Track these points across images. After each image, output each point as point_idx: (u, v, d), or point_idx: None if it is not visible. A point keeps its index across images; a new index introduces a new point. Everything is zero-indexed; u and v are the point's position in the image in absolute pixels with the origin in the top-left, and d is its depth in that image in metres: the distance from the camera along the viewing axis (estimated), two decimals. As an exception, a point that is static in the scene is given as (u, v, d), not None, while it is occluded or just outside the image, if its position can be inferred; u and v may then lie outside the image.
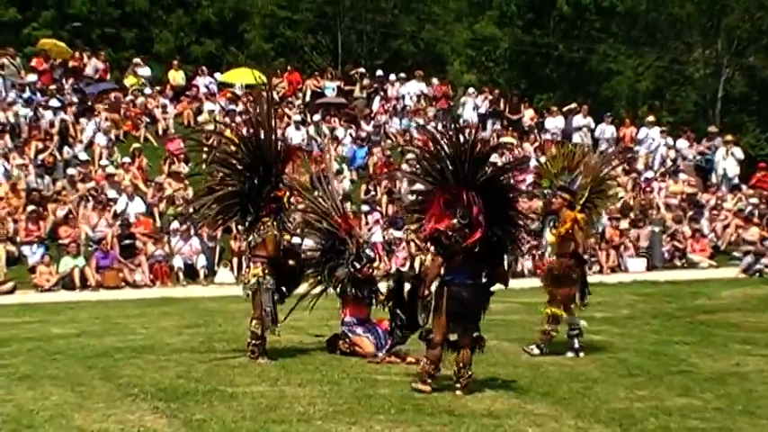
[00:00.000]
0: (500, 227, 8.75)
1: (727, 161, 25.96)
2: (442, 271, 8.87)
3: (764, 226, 22.63)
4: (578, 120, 27.65)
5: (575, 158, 11.60)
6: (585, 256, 11.26)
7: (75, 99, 24.46)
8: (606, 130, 27.60)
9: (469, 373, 8.72)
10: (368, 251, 12.33)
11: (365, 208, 21.64)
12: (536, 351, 10.94)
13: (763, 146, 36.74)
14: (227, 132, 12.07)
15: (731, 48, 47.17)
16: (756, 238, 21.88)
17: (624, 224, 21.88)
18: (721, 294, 17.33)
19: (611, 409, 8.15)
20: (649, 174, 25.71)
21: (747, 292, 17.74)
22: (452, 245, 8.61)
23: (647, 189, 24.66)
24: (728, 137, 27.55)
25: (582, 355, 10.91)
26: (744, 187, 25.69)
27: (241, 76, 30.74)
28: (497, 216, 8.74)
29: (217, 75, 29.20)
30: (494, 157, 9.35)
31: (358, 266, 10.76)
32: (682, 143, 27.73)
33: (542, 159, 15.63)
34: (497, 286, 8.98)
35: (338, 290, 10.94)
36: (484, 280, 8.83)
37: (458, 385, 8.68)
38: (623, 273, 21.02)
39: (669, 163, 26.70)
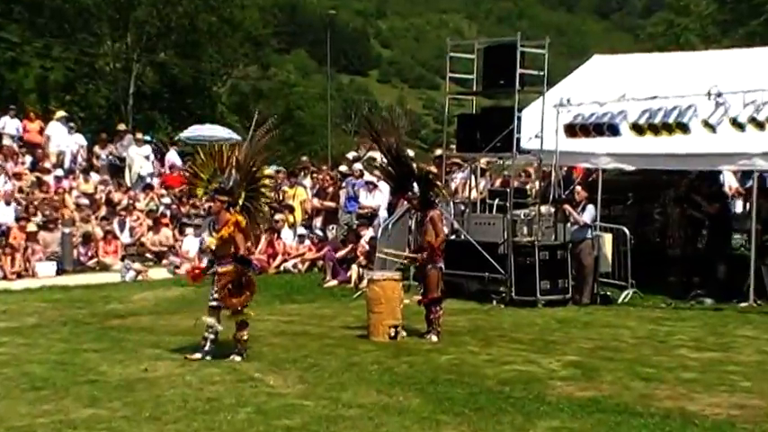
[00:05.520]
0: None
1: (137, 159, 26.05)
2: None
3: (174, 226, 23.00)
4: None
5: (224, 157, 11.27)
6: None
7: None
8: (9, 124, 26.43)
9: None
10: None
11: None
12: (238, 358, 10.83)
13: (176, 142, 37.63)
14: None
15: (141, 42, 47.95)
16: (168, 240, 22.15)
17: (32, 226, 20.87)
18: (133, 298, 17.30)
19: (10, 428, 7.80)
20: (59, 172, 24.92)
21: (159, 294, 17.74)
22: None
23: (59, 189, 23.83)
24: (139, 135, 27.81)
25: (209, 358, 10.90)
26: (155, 187, 25.89)
27: None
28: None
29: None
30: None
31: None
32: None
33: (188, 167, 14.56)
34: None
35: None
36: None
37: None
38: (32, 278, 19.87)
39: (80, 160, 26.23)
